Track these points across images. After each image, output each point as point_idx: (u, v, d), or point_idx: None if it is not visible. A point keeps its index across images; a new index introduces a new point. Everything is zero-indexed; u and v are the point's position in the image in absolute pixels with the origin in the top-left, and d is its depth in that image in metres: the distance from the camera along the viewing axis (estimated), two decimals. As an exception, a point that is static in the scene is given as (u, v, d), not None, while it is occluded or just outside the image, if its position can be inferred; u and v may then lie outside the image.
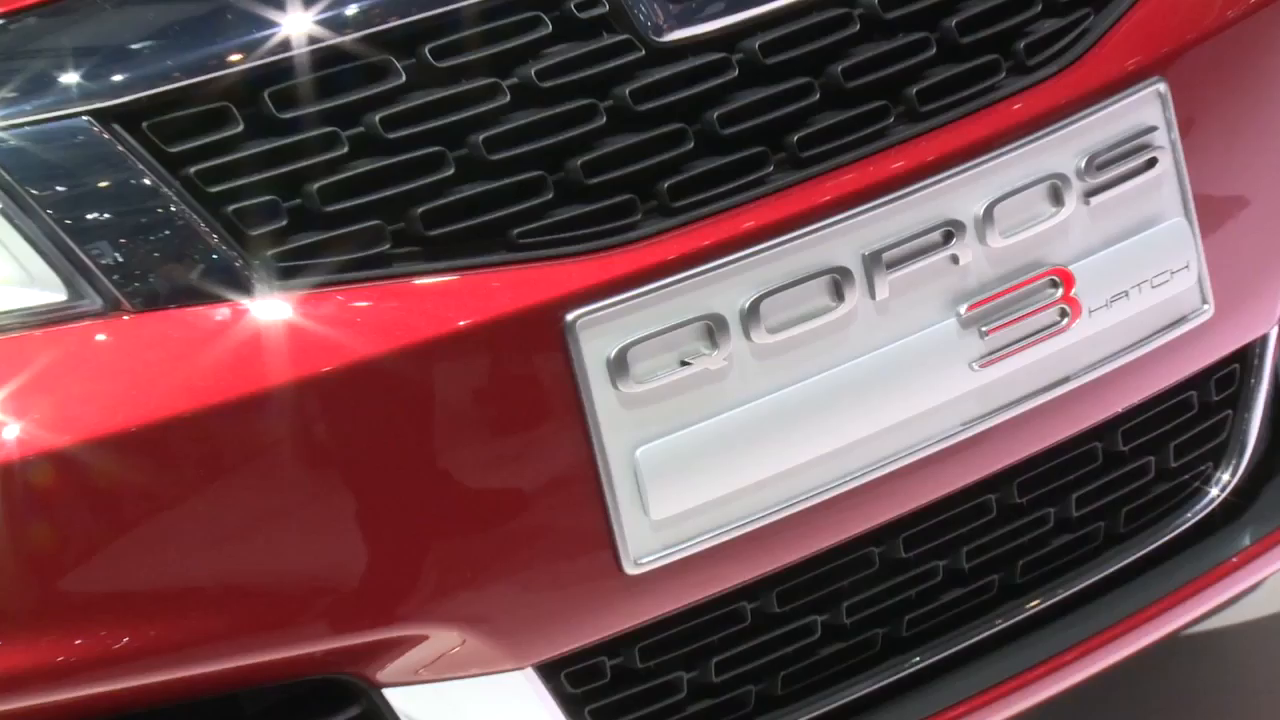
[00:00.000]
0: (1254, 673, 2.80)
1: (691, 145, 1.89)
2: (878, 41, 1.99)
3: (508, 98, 1.84)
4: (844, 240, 1.90)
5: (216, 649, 1.77)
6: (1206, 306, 2.08)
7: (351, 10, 1.83)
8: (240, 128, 1.79)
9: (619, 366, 1.80)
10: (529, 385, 1.83)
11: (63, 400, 1.72)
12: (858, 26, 1.96)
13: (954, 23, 2.01)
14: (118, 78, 1.78)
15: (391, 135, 1.81)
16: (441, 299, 1.81)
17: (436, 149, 1.82)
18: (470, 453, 1.83)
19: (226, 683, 1.79)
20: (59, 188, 1.76)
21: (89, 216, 1.77)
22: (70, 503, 1.72)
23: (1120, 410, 2.09)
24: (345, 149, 1.80)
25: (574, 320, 1.79)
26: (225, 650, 1.77)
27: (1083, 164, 2.00)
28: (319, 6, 1.83)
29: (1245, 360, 2.21)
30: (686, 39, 1.89)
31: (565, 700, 1.88)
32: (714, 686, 1.97)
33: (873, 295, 1.90)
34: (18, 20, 1.82)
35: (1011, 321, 1.97)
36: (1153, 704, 2.69)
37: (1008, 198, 1.96)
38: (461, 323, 1.78)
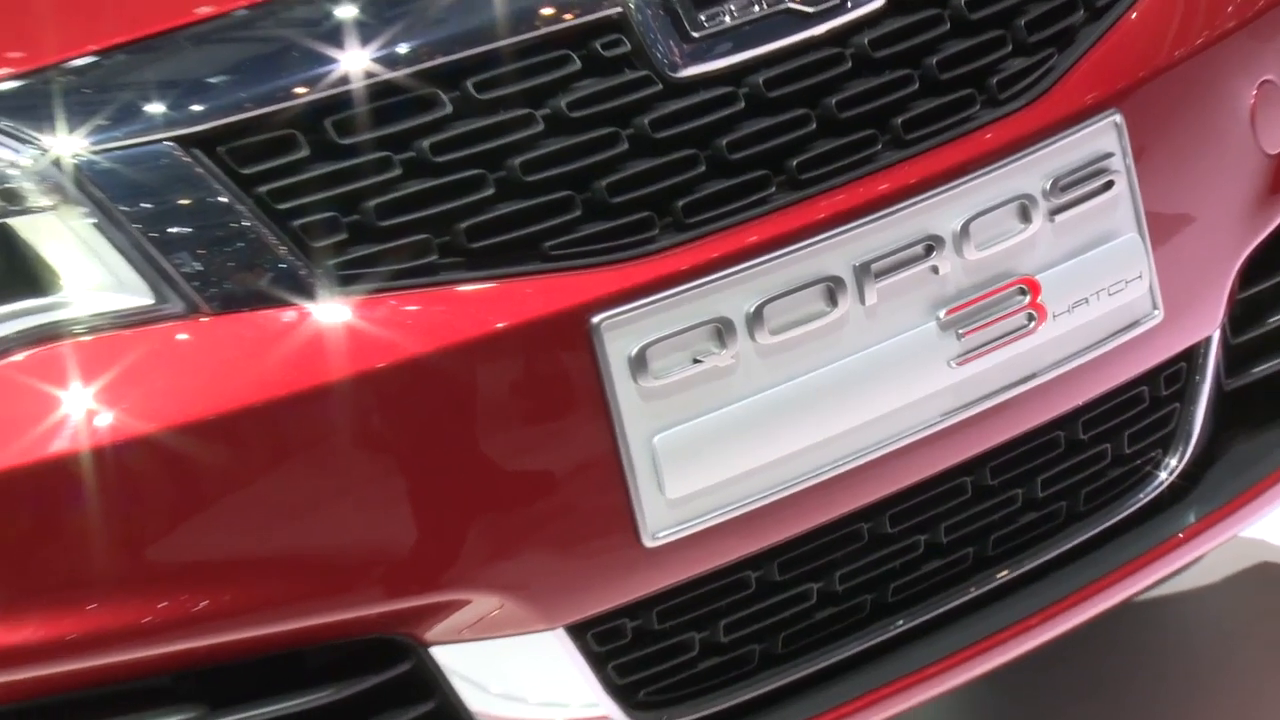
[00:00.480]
0: (1192, 636, 2.80)
1: (703, 169, 1.90)
2: (867, 77, 1.99)
3: (541, 126, 1.85)
4: (837, 252, 1.91)
5: (284, 611, 1.78)
6: (1157, 312, 2.08)
7: (403, 49, 1.84)
8: (305, 152, 1.80)
9: (639, 363, 1.82)
10: (559, 380, 1.84)
11: (149, 392, 1.73)
12: (850, 64, 1.97)
13: (934, 61, 2.01)
14: (197, 107, 1.79)
15: (438, 159, 1.82)
16: (482, 304, 1.82)
17: (478, 171, 1.83)
18: (507, 439, 1.84)
19: (292, 641, 1.80)
20: (145, 205, 1.77)
21: (172, 230, 1.77)
22: (156, 482, 1.73)
23: (1080, 403, 2.09)
24: (398, 171, 1.81)
25: (599, 323, 1.80)
26: (292, 613, 1.78)
27: (1048, 186, 2.00)
28: (375, 45, 1.85)
29: (1191, 359, 2.20)
30: (698, 75, 1.90)
31: (591, 657, 1.88)
32: (721, 645, 1.97)
33: (863, 301, 1.91)
34: (109, 56, 1.83)
35: (985, 325, 1.98)
36: (1105, 665, 2.69)
37: (981, 215, 1.97)
38: (499, 325, 1.80)
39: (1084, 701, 2.74)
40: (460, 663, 1.84)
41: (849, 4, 1.96)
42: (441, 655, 1.83)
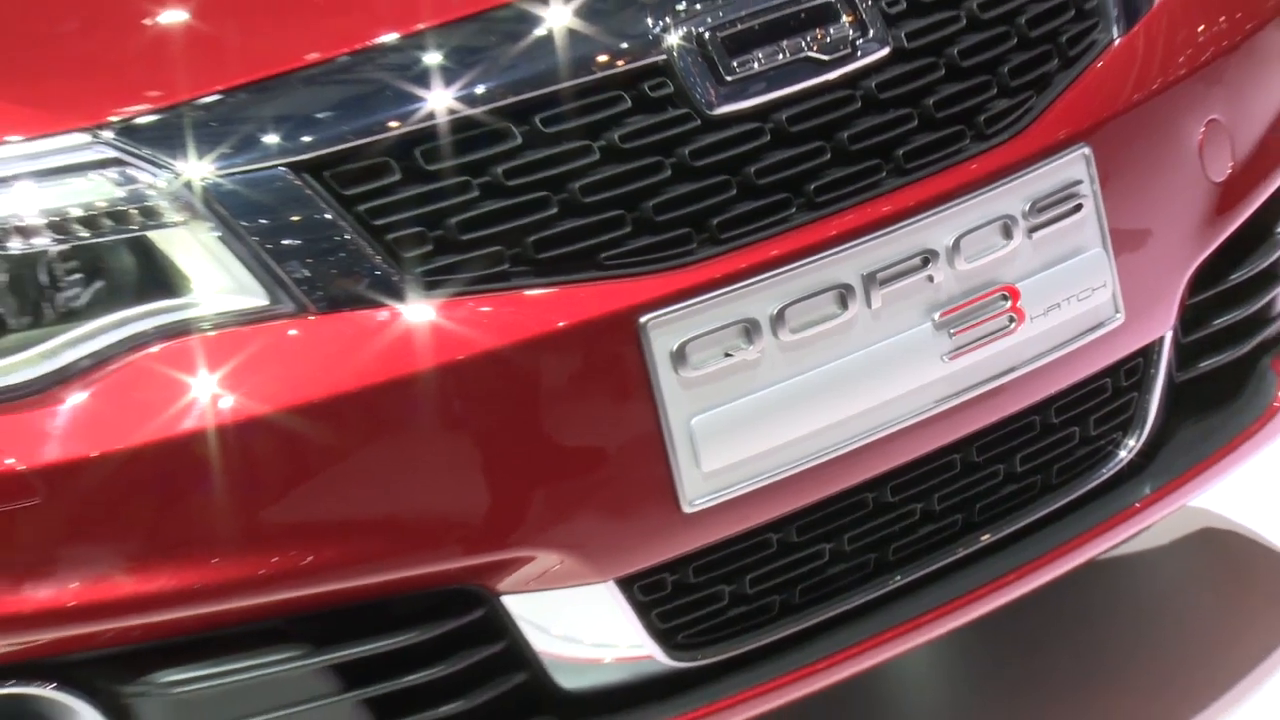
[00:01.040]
0: (1139, 593, 2.78)
1: (734, 192, 1.91)
2: (873, 115, 2.00)
3: (597, 155, 1.87)
4: (847, 264, 1.93)
5: (378, 566, 1.81)
6: (1119, 315, 2.10)
7: (480, 89, 1.86)
8: (398, 176, 1.82)
9: (679, 357, 1.83)
10: (611, 370, 1.86)
11: (265, 379, 1.76)
12: (859, 104, 1.98)
13: (931, 101, 2.03)
14: (306, 138, 1.82)
15: (510, 183, 1.84)
16: (546, 306, 1.84)
17: (544, 193, 1.85)
18: (566, 420, 1.86)
19: (383, 592, 1.83)
20: (262, 221, 1.80)
21: (284, 242, 1.80)
22: (272, 456, 1.77)
23: (1053, 392, 2.11)
24: (476, 193, 1.83)
25: (646, 322, 1.82)
26: (384, 567, 1.81)
27: (1027, 208, 2.02)
28: (456, 86, 1.87)
29: (1147, 355, 2.20)
30: (730, 113, 1.91)
31: (637, 605, 1.90)
32: (747, 596, 1.98)
33: (869, 305, 1.93)
34: (232, 95, 1.86)
35: (973, 325, 1.99)
36: (1066, 617, 2.67)
37: (970, 233, 1.99)
38: (561, 324, 1.82)
39: (1035, 655, 2.69)
40: (526, 610, 1.86)
41: (859, 54, 1.97)
42: (510, 603, 1.85)
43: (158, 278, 1.79)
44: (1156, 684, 2.53)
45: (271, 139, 1.82)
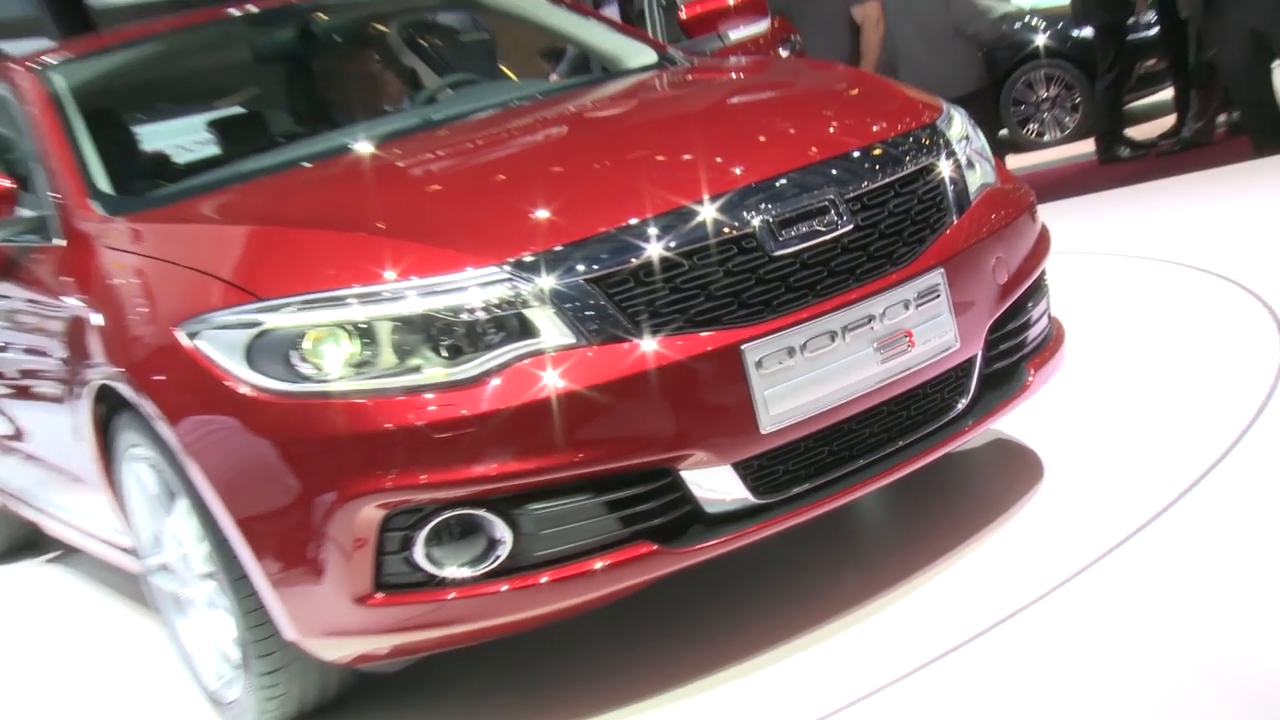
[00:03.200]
0: (970, 480, 2.66)
1: (783, 289, 1.99)
2: (846, 253, 2.06)
3: (722, 274, 1.94)
4: (834, 320, 2.01)
5: (630, 455, 1.89)
6: (957, 344, 2.16)
7: (672, 243, 1.92)
8: (632, 285, 1.90)
9: (758, 364, 1.94)
10: (729, 368, 1.93)
11: (575, 374, 1.85)
12: (839, 250, 2.05)
13: (871, 248, 2.09)
14: (594, 268, 1.89)
15: (684, 287, 1.92)
16: (703, 339, 1.92)
17: (698, 290, 1.93)
18: (712, 390, 1.92)
19: (631, 468, 1.89)
20: (571, 304, 1.88)
21: (582, 313, 1.89)
22: (578, 407, 1.85)
23: (929, 378, 2.14)
24: (668, 291, 1.92)
25: (744, 348, 1.93)
26: (632, 455, 1.89)
27: (914, 296, 2.10)
28: (661, 242, 1.92)
29: (970, 362, 2.21)
30: (782, 255, 1.99)
31: (740, 474, 1.96)
32: (790, 469, 2.02)
33: (845, 340, 2.02)
34: (563, 247, 1.92)
35: (893, 348, 2.08)
36: (927, 492, 2.55)
37: (890, 306, 2.07)
38: (709, 347, 1.92)
39: (899, 509, 2.59)
40: (691, 477, 1.94)
41: (839, 227, 2.04)
42: (684, 474, 1.93)
43: (526, 329, 1.89)
44: (960, 517, 2.43)
45: (578, 268, 1.91)
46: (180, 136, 3.66)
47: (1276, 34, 4.77)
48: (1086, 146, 6.94)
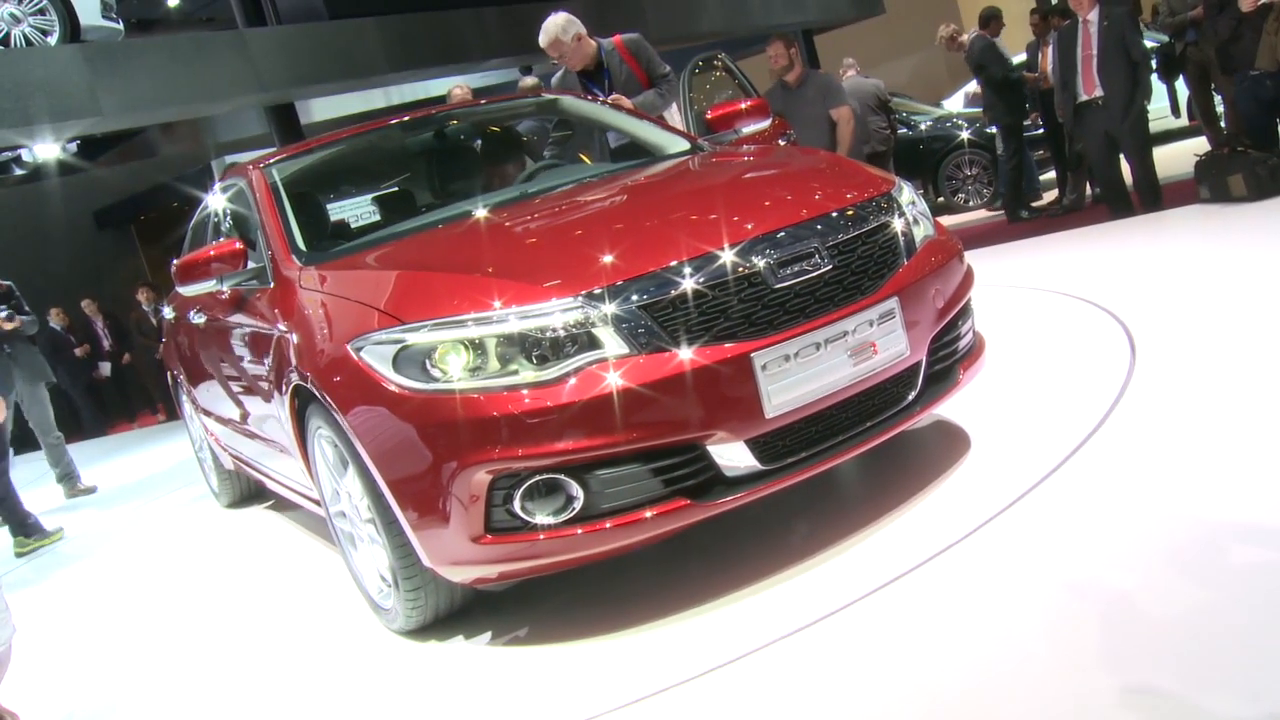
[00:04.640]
0: (923, 453, 2.47)
1: (781, 313, 1.90)
2: (826, 286, 1.98)
3: (736, 301, 1.87)
4: (819, 334, 1.93)
5: (670, 434, 1.80)
6: (908, 351, 2.07)
7: (701, 278, 1.83)
8: (671, 309, 1.81)
9: (763, 366, 1.86)
10: (742, 371, 1.85)
11: (629, 376, 1.76)
12: (822, 283, 1.96)
13: (845, 281, 2.00)
14: (644, 297, 1.81)
15: (708, 312, 1.84)
16: (724, 349, 1.84)
17: (719, 313, 1.85)
18: (729, 386, 1.84)
19: (672, 444, 1.81)
20: (626, 325, 1.81)
21: (635, 330, 1.81)
22: (632, 400, 1.77)
23: (888, 376, 2.04)
24: (698, 314, 1.83)
25: (753, 355, 1.85)
26: (671, 435, 1.81)
27: (876, 317, 2.01)
28: (694, 278, 1.82)
29: (917, 365, 2.11)
30: (780, 287, 1.91)
31: (753, 450, 1.89)
32: (787, 442, 1.93)
33: (826, 349, 1.94)
34: (623, 282, 1.83)
35: (862, 355, 2.00)
36: (885, 459, 2.42)
37: (859, 324, 1.99)
38: (729, 355, 1.84)
39: (867, 475, 2.44)
40: (714, 450, 1.86)
41: (822, 267, 1.96)
42: (710, 448, 1.85)
43: (594, 343, 1.80)
44: (912, 477, 2.28)
45: (633, 297, 1.83)
46: (354, 209, 3.91)
47: (1122, 135, 5.17)
48: (997, 210, 7.17)
